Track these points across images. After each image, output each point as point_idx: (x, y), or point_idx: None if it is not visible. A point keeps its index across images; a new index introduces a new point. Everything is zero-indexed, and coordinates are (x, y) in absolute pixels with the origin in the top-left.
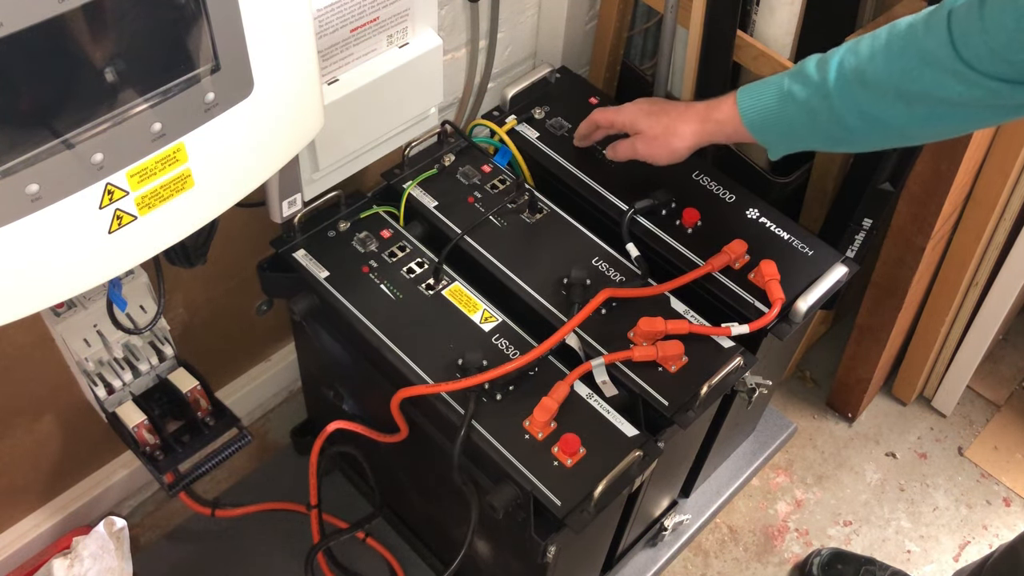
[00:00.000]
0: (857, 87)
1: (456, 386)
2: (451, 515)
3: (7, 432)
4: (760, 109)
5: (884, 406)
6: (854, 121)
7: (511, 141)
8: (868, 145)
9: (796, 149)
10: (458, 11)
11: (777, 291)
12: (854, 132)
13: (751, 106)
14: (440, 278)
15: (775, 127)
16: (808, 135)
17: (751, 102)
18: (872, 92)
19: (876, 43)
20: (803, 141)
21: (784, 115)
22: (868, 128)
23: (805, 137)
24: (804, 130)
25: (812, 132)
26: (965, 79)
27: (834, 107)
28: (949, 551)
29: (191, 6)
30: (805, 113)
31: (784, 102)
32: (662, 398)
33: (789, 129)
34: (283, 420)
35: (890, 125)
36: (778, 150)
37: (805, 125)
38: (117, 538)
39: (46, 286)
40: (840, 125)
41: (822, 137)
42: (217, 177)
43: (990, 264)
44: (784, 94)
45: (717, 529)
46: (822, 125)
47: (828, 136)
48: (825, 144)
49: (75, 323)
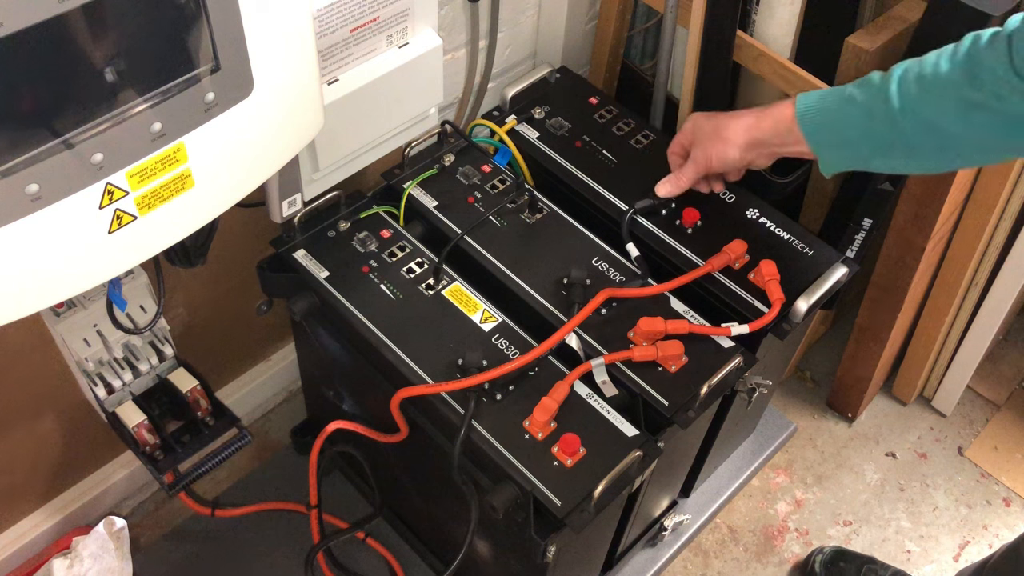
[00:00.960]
0: (917, 90)
1: (456, 386)
2: (451, 515)
3: (7, 432)
4: (818, 109)
5: (884, 406)
6: (911, 126)
7: (511, 141)
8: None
9: (848, 163)
10: (458, 11)
11: (777, 291)
12: (910, 139)
13: (810, 106)
14: (440, 278)
15: (830, 129)
16: (863, 141)
17: (810, 102)
18: (931, 96)
19: (941, 53)
20: (857, 149)
21: (841, 116)
22: (924, 135)
23: (859, 144)
24: (859, 135)
25: (867, 137)
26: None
27: (892, 110)
28: (949, 551)
29: (191, 6)
30: (863, 115)
31: (843, 104)
32: (662, 398)
33: (844, 132)
34: (283, 420)
35: (947, 133)
36: (830, 160)
37: (861, 129)
38: (117, 538)
39: (46, 286)
40: (896, 130)
41: (877, 144)
42: (217, 177)
43: (990, 264)
44: (845, 97)
45: (717, 529)
46: (878, 129)
47: (883, 143)
48: (879, 153)
49: (75, 323)
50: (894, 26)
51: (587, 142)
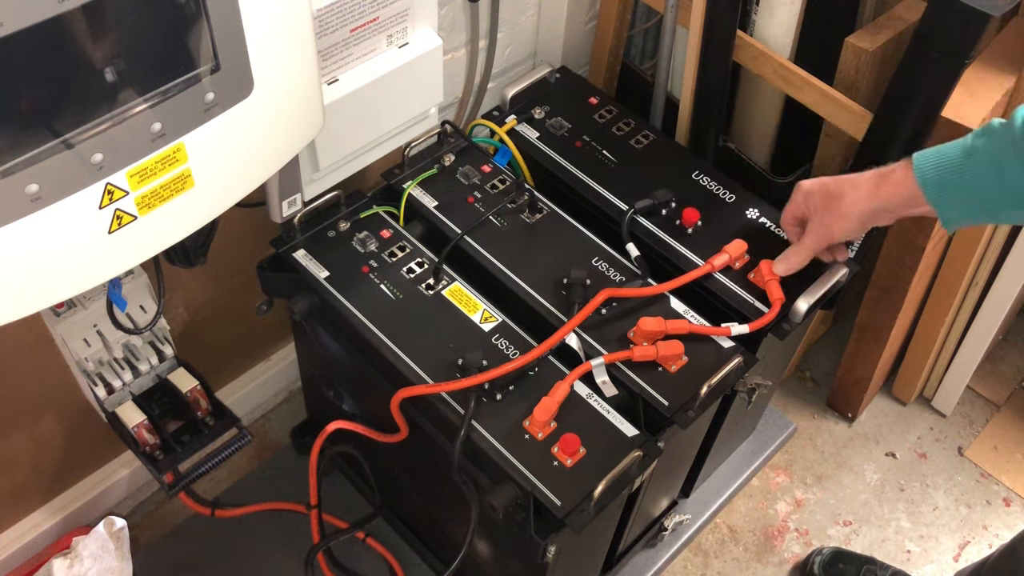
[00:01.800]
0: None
1: (456, 386)
2: (451, 515)
3: (7, 432)
4: (938, 166)
5: (884, 406)
6: None
7: (511, 141)
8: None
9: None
10: (458, 11)
11: (777, 291)
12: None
13: (928, 163)
14: (440, 278)
15: (955, 185)
16: (993, 192)
17: (928, 160)
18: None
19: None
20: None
21: (967, 170)
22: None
23: (989, 195)
24: (989, 186)
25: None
26: None
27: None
28: (949, 551)
29: (191, 6)
30: (991, 165)
31: (967, 156)
32: (662, 398)
33: (972, 187)
34: (283, 420)
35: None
36: (955, 216)
37: (990, 180)
38: (117, 538)
39: (46, 286)
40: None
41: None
42: (217, 177)
43: (990, 264)
44: (968, 149)
45: (717, 529)
46: (1010, 177)
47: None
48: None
49: (75, 323)
50: (894, 26)
51: (587, 142)
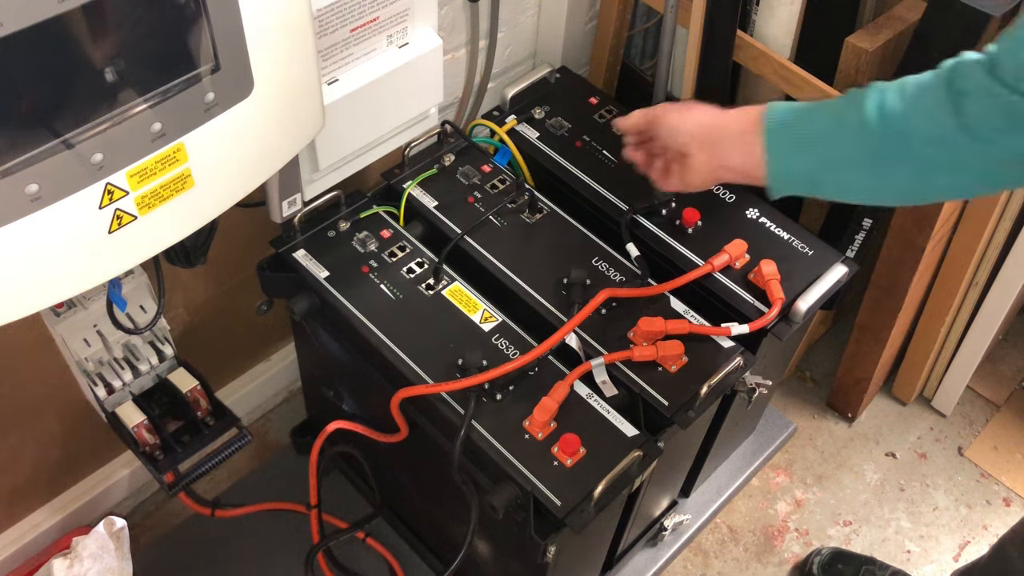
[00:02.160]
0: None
1: (456, 386)
2: (451, 515)
3: (7, 432)
4: (786, 109)
5: (884, 406)
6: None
7: (511, 141)
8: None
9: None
10: (458, 11)
11: (777, 291)
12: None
13: (779, 107)
14: (440, 278)
15: (791, 130)
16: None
17: (781, 105)
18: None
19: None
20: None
21: (810, 122)
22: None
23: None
24: (822, 138)
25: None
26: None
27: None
28: (949, 551)
29: (191, 6)
30: (833, 121)
31: (813, 110)
32: (662, 398)
33: (806, 133)
34: (283, 420)
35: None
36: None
37: (825, 133)
38: (117, 538)
39: (46, 286)
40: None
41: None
42: (217, 177)
43: (990, 264)
44: (817, 105)
45: (717, 529)
46: (847, 136)
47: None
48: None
49: (75, 323)
50: (894, 26)
51: (587, 142)
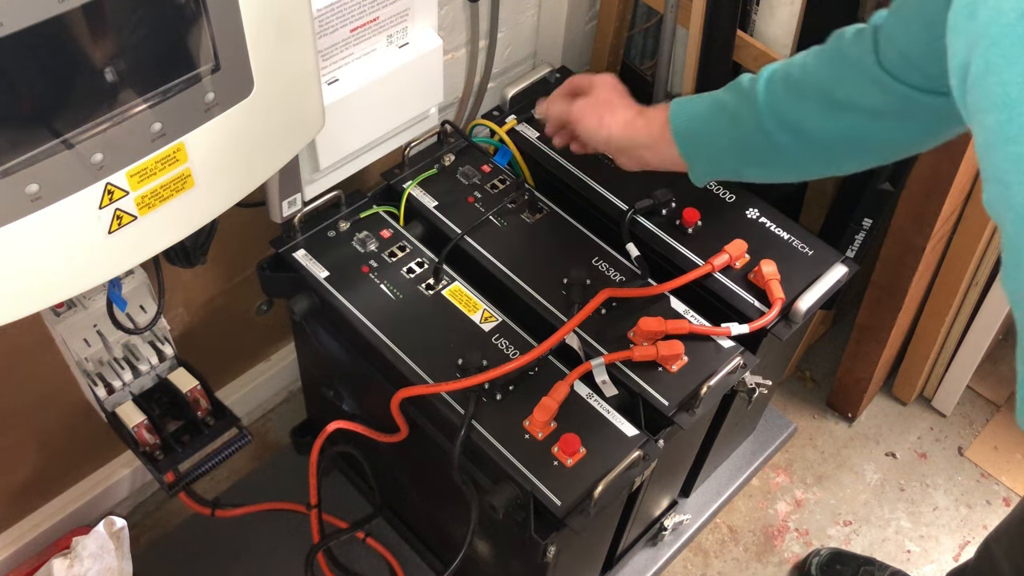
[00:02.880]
0: (782, 89)
1: (456, 386)
2: (451, 515)
3: (7, 432)
4: (690, 115)
5: (884, 406)
6: (777, 132)
7: (511, 141)
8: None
9: (717, 172)
10: (458, 11)
11: (777, 291)
12: (776, 146)
13: (682, 110)
14: (440, 278)
15: (699, 136)
16: (731, 147)
17: (683, 106)
18: (797, 95)
19: (808, 51)
20: (725, 157)
21: (711, 123)
22: (790, 139)
23: (727, 151)
24: (728, 141)
25: (735, 144)
26: (885, 88)
27: (759, 114)
28: (949, 551)
29: (191, 6)
30: (730, 120)
31: (714, 109)
32: (662, 398)
33: (713, 139)
34: (283, 420)
35: (811, 136)
36: (698, 168)
37: (729, 135)
38: (117, 538)
39: (46, 286)
40: (763, 135)
41: (745, 152)
42: (217, 177)
43: (990, 264)
44: (716, 102)
45: (717, 529)
46: (746, 135)
47: (750, 151)
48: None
49: (75, 323)
50: None
51: None
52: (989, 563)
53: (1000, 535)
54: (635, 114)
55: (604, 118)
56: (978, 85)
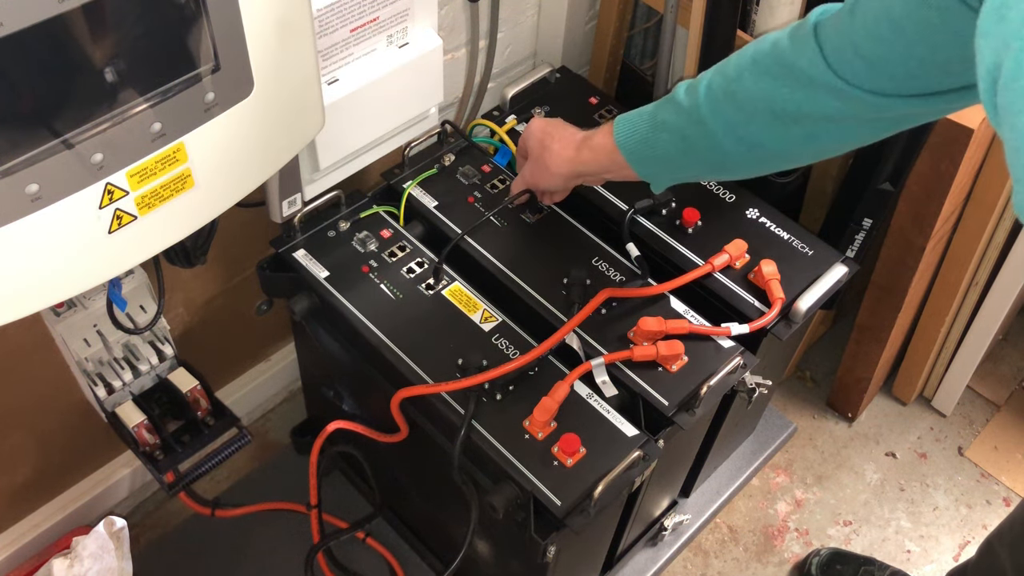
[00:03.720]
0: (729, 109)
1: (456, 386)
2: (451, 515)
3: (7, 432)
4: (634, 138)
5: (884, 406)
6: (732, 145)
7: (511, 141)
8: (749, 170)
9: (680, 180)
10: (458, 11)
11: (777, 291)
12: (732, 157)
13: (625, 133)
14: (440, 278)
15: (651, 157)
16: (687, 163)
17: (624, 129)
18: (745, 114)
19: (742, 62)
20: (684, 170)
21: (659, 144)
22: (747, 152)
23: (685, 166)
24: (682, 158)
25: (691, 160)
26: (841, 95)
27: (709, 132)
28: (949, 551)
29: (191, 6)
30: (680, 140)
31: (656, 130)
32: (662, 398)
33: (666, 158)
34: (283, 420)
35: (769, 148)
36: (660, 181)
37: (682, 153)
38: (117, 538)
39: (46, 286)
40: (718, 151)
41: (702, 165)
42: (217, 177)
43: (990, 264)
44: (656, 123)
45: (717, 529)
46: (700, 152)
47: (708, 163)
48: (707, 171)
49: (75, 323)
50: None
51: None
52: (990, 561)
53: (1002, 533)
54: (575, 148)
55: (548, 171)
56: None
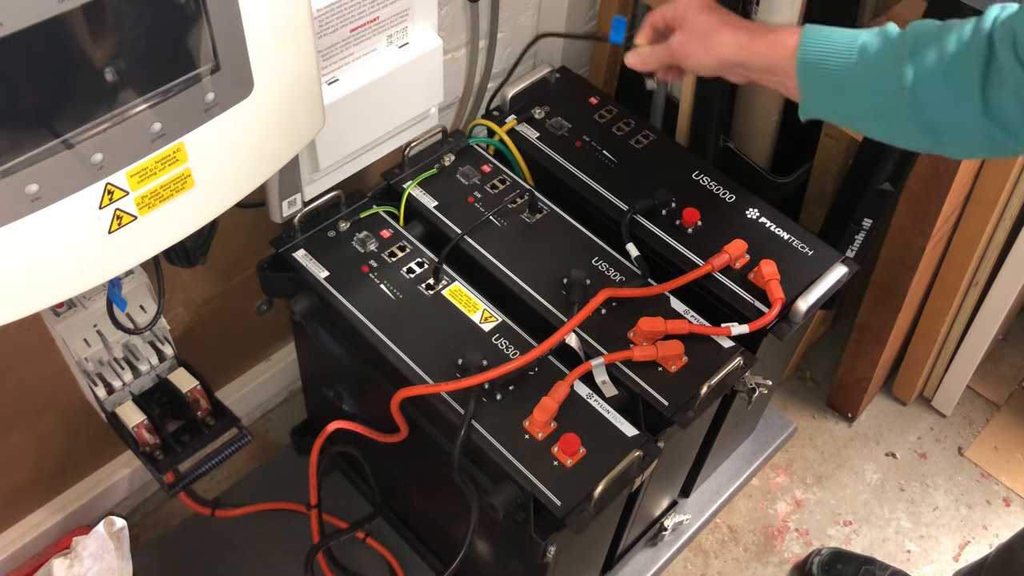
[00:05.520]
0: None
1: (456, 386)
2: (451, 515)
3: (7, 432)
4: (824, 49)
5: (884, 406)
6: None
7: (511, 141)
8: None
9: (833, 116)
10: (458, 11)
11: (777, 291)
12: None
13: (816, 42)
14: (440, 278)
15: (828, 73)
16: (857, 96)
17: (818, 39)
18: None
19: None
20: (844, 103)
21: (846, 71)
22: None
23: (851, 98)
24: (856, 88)
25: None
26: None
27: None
28: (949, 551)
29: (191, 6)
30: (867, 69)
31: (853, 50)
32: (662, 398)
33: (841, 81)
34: (283, 420)
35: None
36: (811, 105)
37: (861, 82)
38: (117, 538)
39: (46, 286)
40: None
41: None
42: (217, 177)
43: (990, 264)
44: (859, 44)
45: (717, 529)
46: (877, 87)
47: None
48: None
49: (75, 323)
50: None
51: (587, 142)
52: (1009, 564)
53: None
54: (748, 37)
55: (709, 50)
56: None
